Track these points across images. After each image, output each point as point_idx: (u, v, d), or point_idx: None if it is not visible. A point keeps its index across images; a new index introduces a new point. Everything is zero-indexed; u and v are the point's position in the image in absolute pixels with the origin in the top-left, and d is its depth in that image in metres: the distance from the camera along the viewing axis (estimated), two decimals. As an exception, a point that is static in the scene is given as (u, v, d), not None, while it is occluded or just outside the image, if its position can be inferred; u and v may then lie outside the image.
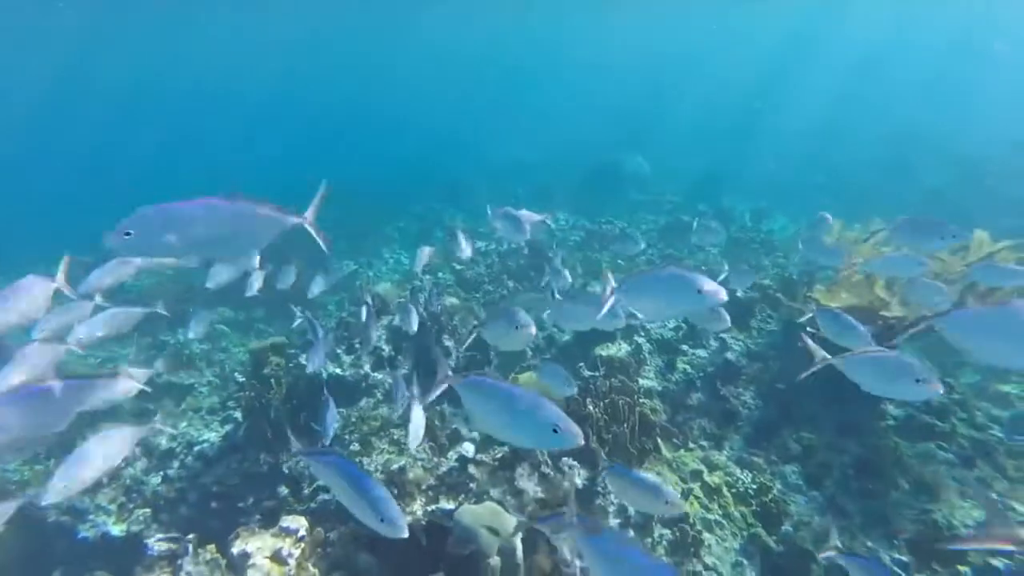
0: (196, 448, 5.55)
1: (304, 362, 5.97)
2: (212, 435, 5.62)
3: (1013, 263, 4.54)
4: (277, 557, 2.80)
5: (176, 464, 5.47)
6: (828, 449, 4.81)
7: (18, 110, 43.77)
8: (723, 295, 2.57)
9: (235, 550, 2.85)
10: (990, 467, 4.82)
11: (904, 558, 3.91)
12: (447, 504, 3.61)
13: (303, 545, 2.96)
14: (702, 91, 38.68)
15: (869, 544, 4.04)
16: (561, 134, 22.20)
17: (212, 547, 3.48)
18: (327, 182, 2.67)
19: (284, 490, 4.40)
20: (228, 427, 5.62)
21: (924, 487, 4.56)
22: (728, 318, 3.98)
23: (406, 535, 2.11)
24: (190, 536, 3.24)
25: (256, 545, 2.83)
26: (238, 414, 5.56)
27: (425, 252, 5.36)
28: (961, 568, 3.82)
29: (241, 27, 28.82)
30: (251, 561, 2.75)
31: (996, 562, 3.66)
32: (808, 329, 3.74)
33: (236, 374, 6.49)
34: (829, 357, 3.03)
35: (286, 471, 4.89)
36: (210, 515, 4.67)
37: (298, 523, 3.06)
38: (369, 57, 47.85)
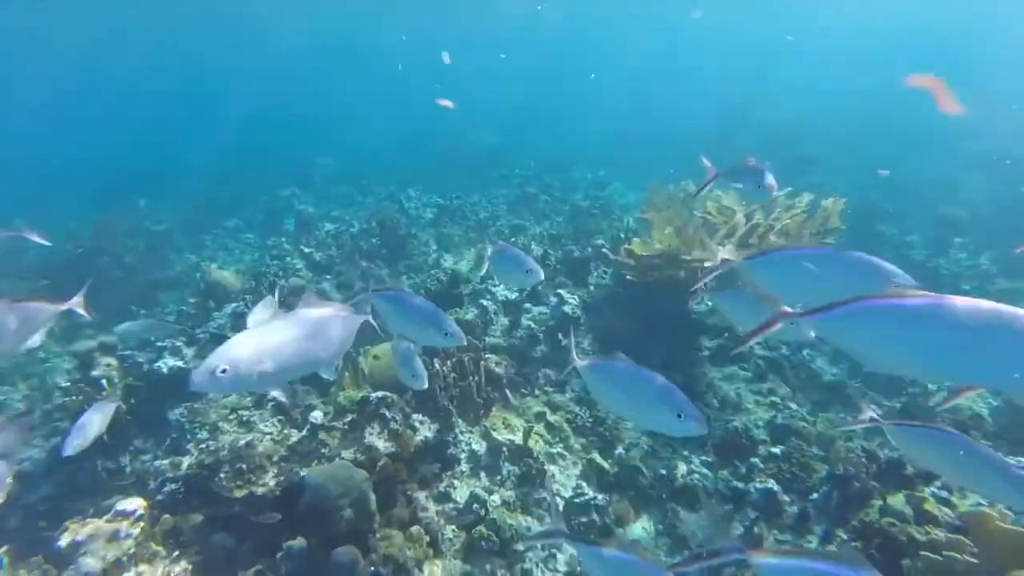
0: (15, 468, 5.03)
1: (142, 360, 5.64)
2: (34, 451, 5.12)
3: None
4: (114, 539, 2.72)
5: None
6: (653, 381, 5.49)
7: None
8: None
9: (64, 543, 2.72)
10: (779, 379, 5.81)
11: (710, 459, 4.64)
12: (300, 471, 3.68)
13: (143, 524, 2.90)
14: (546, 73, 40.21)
15: (685, 453, 4.73)
16: (413, 118, 22.03)
17: (40, 558, 3.26)
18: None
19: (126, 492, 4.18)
20: (55, 440, 5.14)
21: (729, 402, 5.40)
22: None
23: None
24: (3, 548, 3.01)
25: (88, 533, 2.73)
26: (66, 424, 5.11)
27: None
28: (753, 459, 4.63)
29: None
30: (84, 549, 2.66)
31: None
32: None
33: (60, 381, 5.90)
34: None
35: (128, 471, 4.65)
36: (39, 534, 4.31)
37: (135, 504, 2.99)
38: (206, 42, 43.58)
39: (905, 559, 3.08)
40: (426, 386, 3.34)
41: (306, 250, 7.40)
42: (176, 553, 2.98)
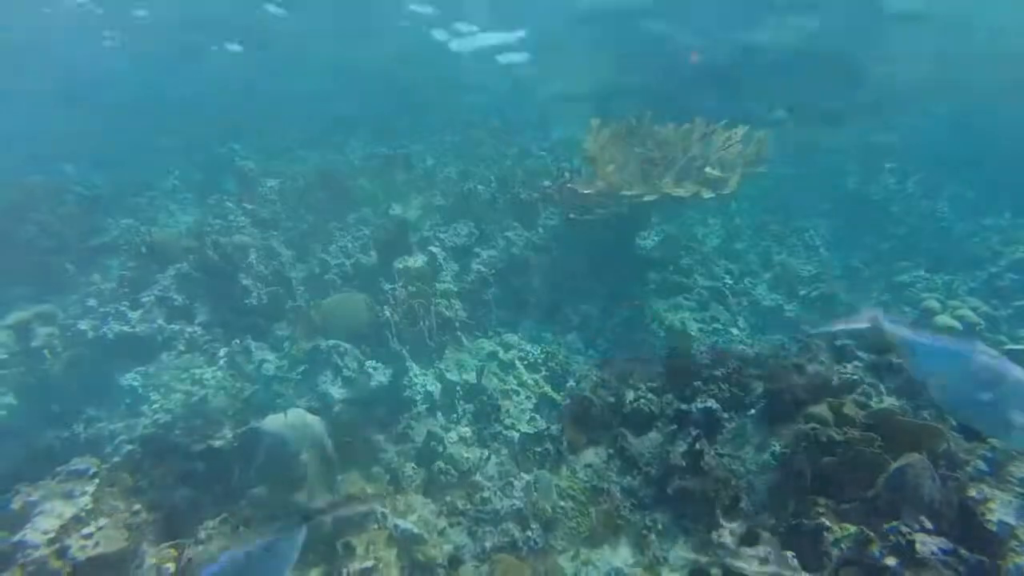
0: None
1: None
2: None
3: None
4: (68, 497, 2.75)
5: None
6: (602, 315, 5.69)
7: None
8: None
9: (16, 506, 2.74)
10: (722, 307, 6.09)
11: (656, 384, 4.89)
12: (256, 422, 3.74)
13: (97, 481, 2.93)
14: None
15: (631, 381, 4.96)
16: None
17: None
18: None
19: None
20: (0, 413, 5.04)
21: (673, 331, 5.66)
22: None
23: None
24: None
25: (41, 493, 2.75)
26: (9, 398, 5.01)
27: None
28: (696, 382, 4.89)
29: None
30: (38, 509, 2.68)
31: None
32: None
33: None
34: None
35: (83, 440, 4.62)
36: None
37: (87, 463, 3.01)
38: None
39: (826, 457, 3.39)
40: None
41: (249, 207, 7.19)
42: (137, 507, 3.03)
